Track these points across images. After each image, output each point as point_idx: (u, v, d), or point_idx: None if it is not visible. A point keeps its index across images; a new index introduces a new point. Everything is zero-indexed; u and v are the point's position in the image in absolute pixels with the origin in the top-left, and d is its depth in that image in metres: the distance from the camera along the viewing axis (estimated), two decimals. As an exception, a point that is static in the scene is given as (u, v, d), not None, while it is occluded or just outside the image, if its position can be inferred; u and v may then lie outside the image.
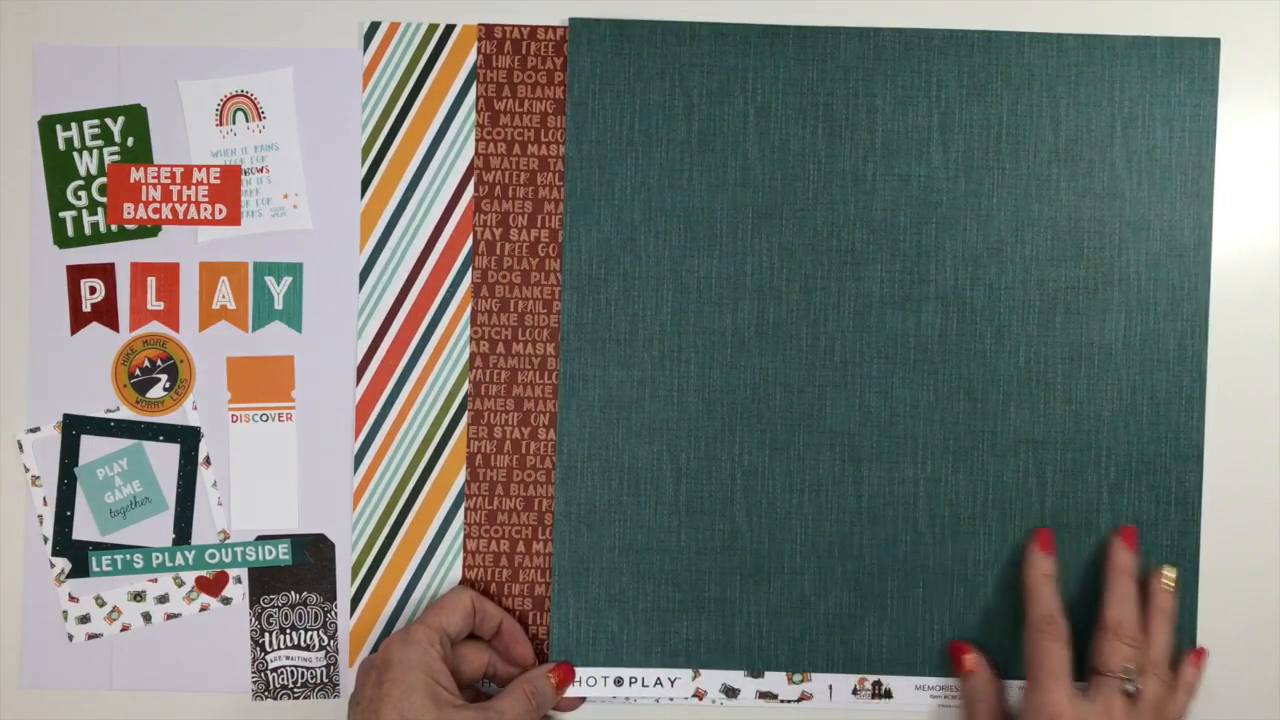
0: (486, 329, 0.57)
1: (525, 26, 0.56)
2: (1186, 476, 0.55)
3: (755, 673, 0.55)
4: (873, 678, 0.55)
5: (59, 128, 0.57)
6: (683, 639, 0.55)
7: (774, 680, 0.55)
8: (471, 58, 0.56)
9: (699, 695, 0.55)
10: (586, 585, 0.55)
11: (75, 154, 0.57)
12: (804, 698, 0.55)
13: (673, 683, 0.55)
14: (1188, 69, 0.55)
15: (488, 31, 0.56)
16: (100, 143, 0.57)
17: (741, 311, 0.55)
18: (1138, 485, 0.55)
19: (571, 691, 0.55)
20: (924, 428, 0.55)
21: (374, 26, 0.56)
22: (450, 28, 0.56)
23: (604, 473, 0.55)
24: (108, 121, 0.57)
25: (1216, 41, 0.55)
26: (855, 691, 0.55)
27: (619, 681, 0.55)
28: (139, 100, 0.57)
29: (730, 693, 0.55)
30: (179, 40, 0.57)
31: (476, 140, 0.56)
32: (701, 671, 0.55)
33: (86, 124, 0.57)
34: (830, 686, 0.55)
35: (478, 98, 0.56)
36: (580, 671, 0.55)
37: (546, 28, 0.56)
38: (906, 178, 0.55)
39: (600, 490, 0.55)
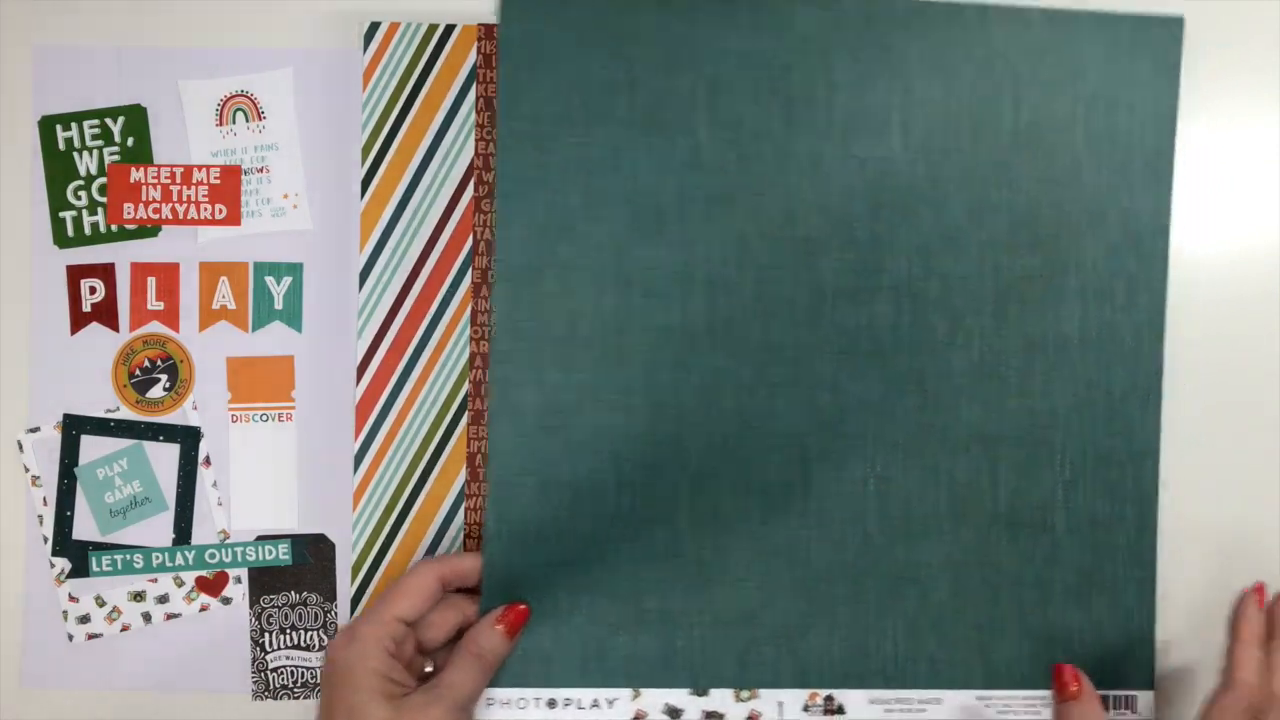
0: (486, 329, 0.57)
1: (525, 26, 0.56)
2: (1143, 474, 0.53)
3: (699, 690, 0.52)
4: (824, 692, 0.52)
5: (59, 128, 0.57)
6: (621, 656, 0.51)
7: (720, 698, 0.52)
8: (471, 58, 0.56)
9: (639, 717, 0.52)
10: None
11: (75, 154, 0.57)
12: (752, 716, 0.52)
13: (611, 703, 0.52)
14: (1151, 48, 0.53)
15: (488, 31, 0.56)
16: (100, 143, 0.57)
17: (691, 306, 0.51)
18: (1093, 483, 0.53)
19: (502, 715, 0.52)
20: (874, 424, 0.52)
21: (374, 26, 0.56)
22: (450, 28, 0.56)
23: (540, 488, 0.51)
24: (108, 121, 0.57)
25: (1180, 20, 0.53)
26: (806, 708, 0.52)
27: (552, 703, 0.52)
28: (139, 100, 0.57)
29: (673, 713, 0.52)
30: (179, 40, 0.57)
31: (476, 140, 0.56)
32: (642, 691, 0.52)
33: (86, 124, 0.57)
34: (780, 703, 0.52)
35: (478, 98, 0.56)
36: (509, 693, 0.51)
37: (547, 28, 0.56)
38: (864, 160, 0.51)
39: (536, 507, 0.51)
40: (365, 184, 0.57)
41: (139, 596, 0.57)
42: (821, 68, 0.51)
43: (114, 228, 0.57)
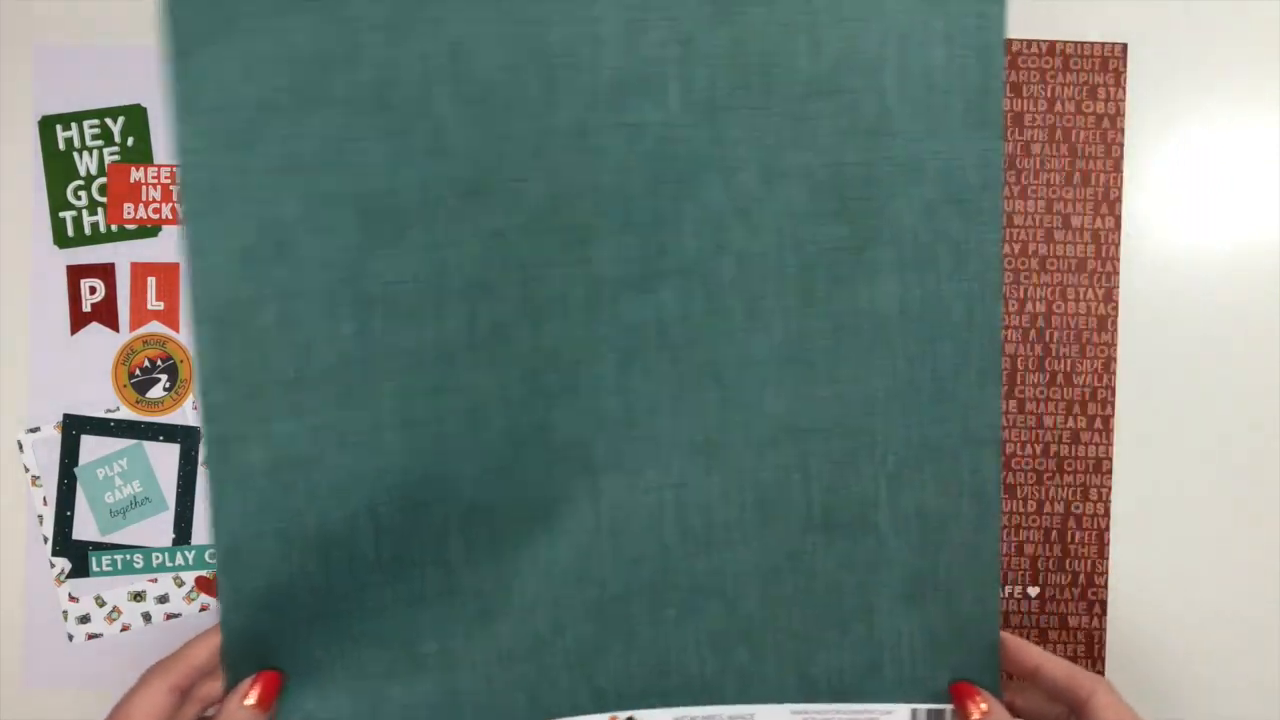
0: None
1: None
2: (981, 464, 0.46)
3: None
4: (624, 715, 0.47)
5: (59, 128, 0.57)
6: (396, 706, 0.45)
7: None
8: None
9: None
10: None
11: (75, 154, 0.57)
12: None
13: None
14: None
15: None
16: (100, 143, 0.57)
17: (447, 321, 0.43)
18: (922, 475, 0.46)
19: None
20: (668, 425, 0.45)
21: (374, 26, 0.55)
22: (450, 27, 0.56)
23: (280, 548, 0.44)
24: (108, 121, 0.57)
25: None
26: None
27: None
28: (139, 100, 0.57)
29: None
30: (179, 40, 0.57)
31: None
32: None
33: (86, 124, 0.57)
34: None
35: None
36: None
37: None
38: (640, 127, 0.43)
39: (278, 569, 0.44)
40: (365, 184, 0.57)
41: (139, 596, 0.57)
42: (586, 19, 0.43)
43: (114, 228, 0.57)
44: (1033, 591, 0.57)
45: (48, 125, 0.57)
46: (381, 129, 0.42)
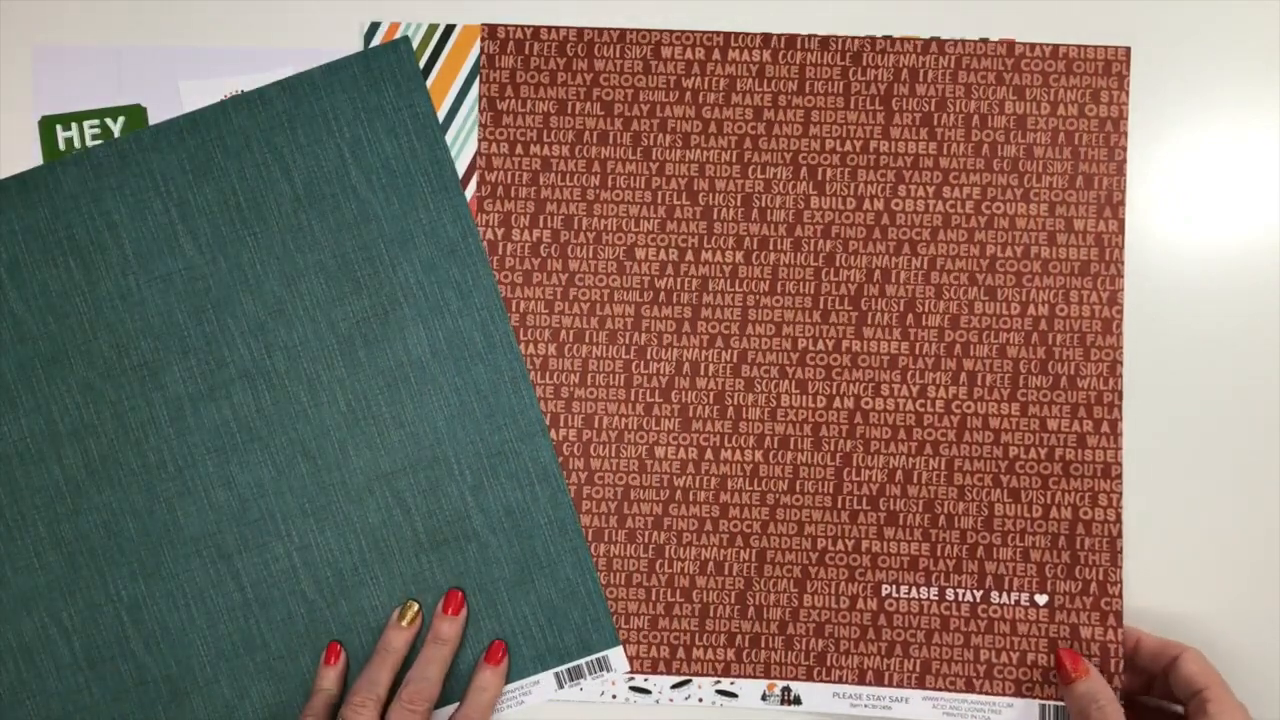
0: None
1: (528, 26, 0.56)
2: (538, 452, 0.55)
3: None
4: None
5: (59, 128, 0.57)
6: None
7: None
8: (472, 57, 0.56)
9: None
10: None
11: (74, 154, 0.57)
12: None
13: None
14: (388, 75, 0.55)
15: (490, 31, 0.56)
16: (100, 143, 0.57)
17: (66, 458, 0.55)
18: (497, 479, 0.55)
19: None
20: (275, 502, 0.55)
21: (374, 27, 0.56)
22: (450, 28, 0.56)
23: None
24: (108, 121, 0.57)
25: (407, 41, 0.56)
26: None
27: None
28: (139, 100, 0.57)
29: None
30: (179, 40, 0.57)
31: (479, 140, 0.56)
32: None
33: (86, 124, 0.57)
34: None
35: (480, 97, 0.56)
36: None
37: (549, 28, 0.56)
38: (168, 276, 0.55)
39: (3, 680, 0.55)
40: (365, 185, 0.57)
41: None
42: (97, 213, 0.55)
43: (112, 228, 0.57)
44: (1040, 599, 0.56)
45: (48, 125, 0.57)
46: None
